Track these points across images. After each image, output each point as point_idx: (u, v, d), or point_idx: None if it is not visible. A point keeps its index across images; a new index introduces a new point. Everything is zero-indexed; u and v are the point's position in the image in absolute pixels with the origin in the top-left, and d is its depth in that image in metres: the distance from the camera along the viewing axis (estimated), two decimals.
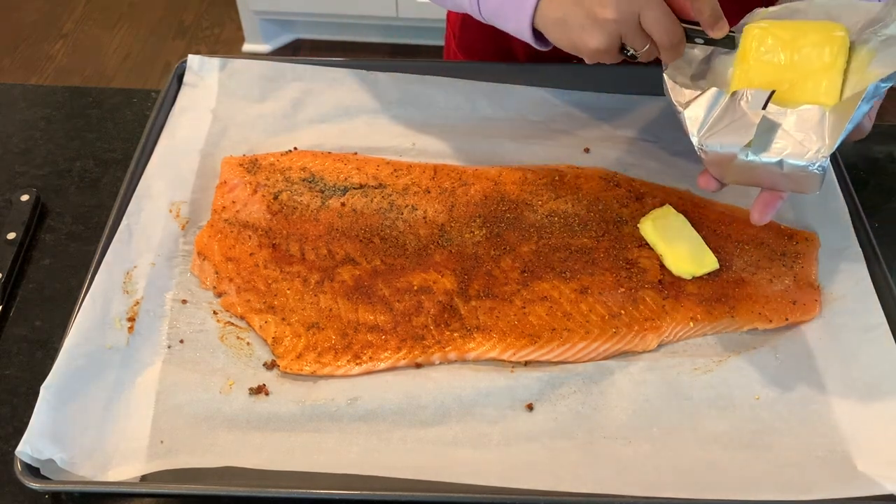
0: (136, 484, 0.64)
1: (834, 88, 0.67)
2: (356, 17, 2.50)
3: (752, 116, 0.65)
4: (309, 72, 0.98)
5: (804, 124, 0.65)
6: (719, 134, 0.66)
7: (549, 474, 0.65)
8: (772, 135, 0.65)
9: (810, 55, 0.68)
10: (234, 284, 0.78)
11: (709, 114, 0.67)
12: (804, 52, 0.68)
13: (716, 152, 0.66)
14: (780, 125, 0.65)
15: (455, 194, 0.85)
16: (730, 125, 0.66)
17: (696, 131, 0.67)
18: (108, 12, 2.80)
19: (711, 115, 0.67)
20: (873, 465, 0.66)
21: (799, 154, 0.64)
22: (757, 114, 0.65)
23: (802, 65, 0.68)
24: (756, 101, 0.66)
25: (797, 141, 0.64)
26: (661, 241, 0.80)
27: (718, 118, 0.67)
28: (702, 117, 0.67)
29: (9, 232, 0.83)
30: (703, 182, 0.71)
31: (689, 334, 0.76)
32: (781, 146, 0.64)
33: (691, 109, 0.68)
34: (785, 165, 0.64)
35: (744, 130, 0.65)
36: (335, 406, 0.70)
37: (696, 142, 0.67)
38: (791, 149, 0.64)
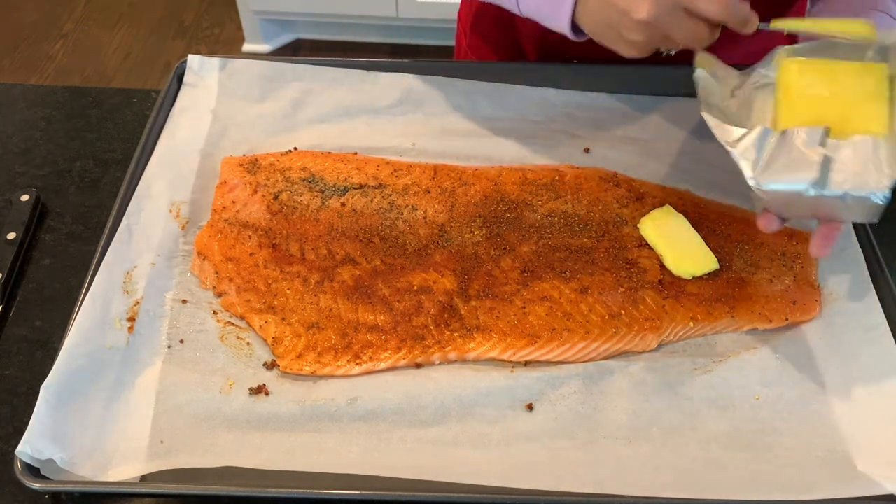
0: (136, 484, 0.64)
1: (881, 117, 0.68)
2: (356, 17, 2.50)
3: (810, 154, 0.65)
4: (309, 72, 0.98)
5: (860, 155, 0.65)
6: (778, 172, 0.66)
7: (549, 474, 0.65)
8: (830, 169, 0.65)
9: (853, 86, 0.68)
10: (234, 284, 0.78)
11: (760, 153, 0.67)
12: (846, 84, 0.69)
13: (776, 190, 0.66)
14: (838, 159, 0.65)
15: (455, 194, 0.85)
16: (788, 164, 0.66)
17: (752, 172, 0.67)
18: (108, 12, 2.80)
19: (763, 154, 0.67)
20: (873, 465, 0.66)
21: (860, 186, 0.64)
22: (816, 151, 0.65)
23: (846, 96, 0.68)
24: (812, 138, 0.66)
25: (856, 172, 0.65)
26: (661, 241, 0.80)
27: (773, 157, 0.66)
28: (754, 156, 0.67)
29: (9, 232, 0.83)
30: (765, 223, 0.71)
31: (689, 334, 0.76)
32: (841, 179, 0.65)
33: (742, 149, 0.68)
34: (848, 198, 0.65)
35: (805, 168, 0.65)
36: (335, 406, 0.70)
37: (753, 182, 0.67)
38: (851, 181, 0.64)
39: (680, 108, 0.97)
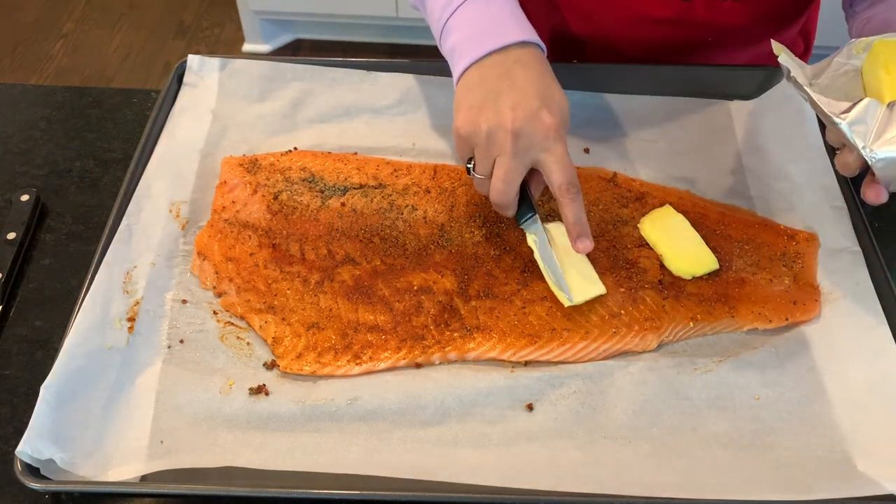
0: (136, 484, 0.64)
1: None
2: (356, 17, 2.50)
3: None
4: (309, 72, 0.98)
5: None
6: (893, 142, 0.66)
7: (549, 474, 0.65)
8: None
9: None
10: (234, 284, 0.78)
11: (871, 124, 0.67)
12: None
13: (893, 158, 0.66)
14: None
15: (455, 194, 0.85)
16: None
17: (864, 141, 0.67)
18: (108, 12, 2.80)
19: (873, 125, 0.67)
20: (873, 465, 0.66)
21: None
22: None
23: None
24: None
25: None
26: (661, 241, 0.80)
27: (883, 126, 0.67)
28: (865, 128, 0.67)
29: (9, 232, 0.83)
30: (874, 195, 0.70)
31: (689, 334, 0.76)
32: None
33: (851, 120, 0.68)
34: None
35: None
36: (335, 406, 0.70)
37: (866, 152, 0.67)
38: None
39: (680, 108, 0.97)
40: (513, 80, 0.73)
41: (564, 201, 0.72)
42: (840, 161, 0.71)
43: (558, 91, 0.75)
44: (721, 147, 0.93)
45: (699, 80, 0.98)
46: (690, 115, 0.96)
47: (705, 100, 0.97)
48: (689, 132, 0.94)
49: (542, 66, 0.76)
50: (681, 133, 0.95)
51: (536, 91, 0.72)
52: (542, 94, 0.73)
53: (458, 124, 0.74)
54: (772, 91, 0.95)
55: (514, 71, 0.74)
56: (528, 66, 0.74)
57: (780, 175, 0.89)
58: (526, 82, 0.73)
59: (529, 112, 0.71)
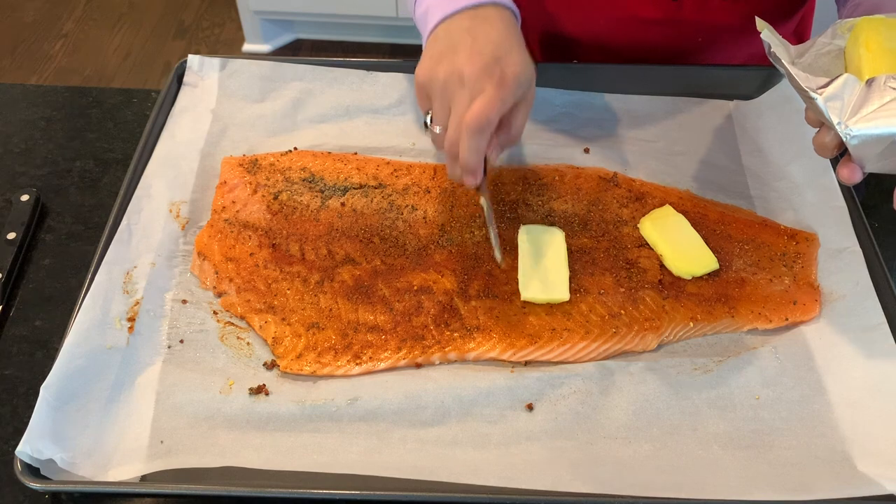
0: (136, 484, 0.64)
1: None
2: (356, 17, 2.50)
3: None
4: (309, 72, 0.98)
5: None
6: (869, 118, 0.64)
7: (549, 474, 0.65)
8: None
9: None
10: (234, 284, 0.78)
11: (847, 100, 0.65)
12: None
13: (867, 135, 0.64)
14: None
15: (455, 194, 0.85)
16: (881, 109, 0.64)
17: (840, 118, 0.65)
18: (108, 12, 2.81)
19: (850, 100, 0.65)
20: (873, 465, 0.66)
21: None
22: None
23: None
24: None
25: None
26: (661, 241, 0.80)
27: (860, 102, 0.65)
28: (840, 104, 0.65)
29: (9, 232, 0.83)
30: (848, 173, 0.68)
31: (689, 334, 0.76)
32: None
33: (828, 96, 0.66)
34: None
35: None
36: (335, 406, 0.70)
37: (841, 128, 0.65)
38: None
39: (680, 108, 0.97)
40: (475, 35, 0.72)
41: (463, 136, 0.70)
42: (817, 141, 0.69)
43: (519, 54, 0.72)
44: (721, 147, 0.93)
45: (699, 80, 0.98)
46: (690, 115, 0.96)
47: (705, 100, 0.97)
48: (689, 132, 0.95)
49: (509, 27, 0.74)
50: (681, 133, 0.95)
51: (495, 47, 0.71)
52: (500, 49, 0.71)
53: (417, 74, 0.73)
54: (772, 91, 0.95)
55: (479, 27, 0.73)
56: (494, 24, 0.73)
57: (780, 175, 0.89)
58: (487, 37, 0.72)
59: (484, 62, 0.70)
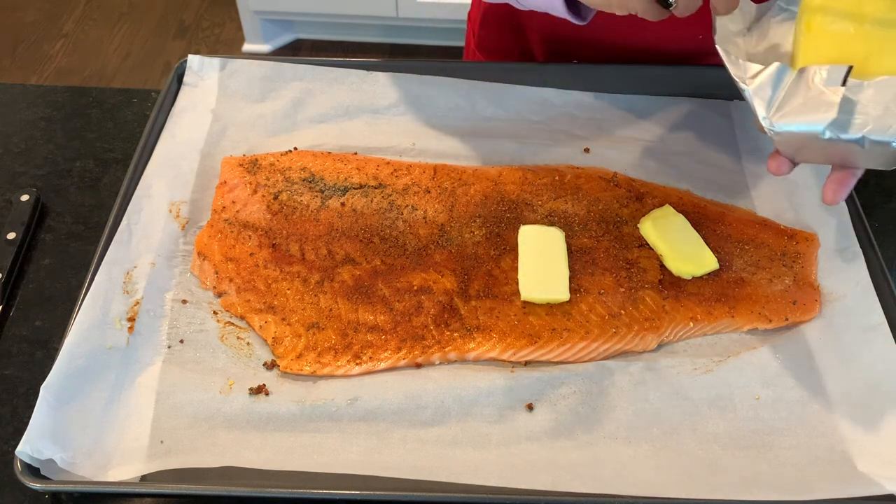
0: (136, 484, 0.64)
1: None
2: (356, 17, 2.50)
3: (830, 94, 0.61)
4: (309, 72, 0.98)
5: (883, 97, 0.61)
6: (794, 113, 0.62)
7: (549, 474, 0.65)
8: (850, 110, 0.61)
9: (881, 22, 0.63)
10: (234, 284, 0.78)
11: (776, 92, 0.63)
12: (873, 21, 0.63)
13: (790, 132, 0.62)
14: (860, 100, 0.61)
15: (455, 194, 0.85)
16: (805, 104, 0.62)
17: (765, 112, 0.63)
18: (108, 12, 2.81)
19: (779, 94, 0.63)
20: (873, 465, 0.66)
21: (881, 129, 0.60)
22: (836, 91, 0.61)
23: (873, 34, 0.63)
24: (833, 77, 0.61)
25: (877, 116, 0.60)
26: (661, 241, 0.80)
27: (788, 96, 0.63)
28: (769, 96, 0.63)
29: (9, 232, 0.83)
30: (775, 166, 0.67)
31: (689, 334, 0.76)
32: (862, 122, 0.60)
33: (757, 87, 0.64)
34: (866, 142, 0.61)
35: (824, 109, 0.61)
36: (335, 406, 0.70)
37: (766, 123, 0.63)
38: (873, 124, 0.60)
39: (680, 108, 0.97)
40: None
41: None
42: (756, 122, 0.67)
43: None
44: (721, 147, 0.93)
45: (699, 80, 0.98)
46: (690, 115, 0.96)
47: (705, 100, 0.97)
48: (689, 132, 0.94)
49: None
50: (681, 133, 0.94)
51: None
52: None
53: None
54: None
55: None
56: None
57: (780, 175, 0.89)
58: None
59: None
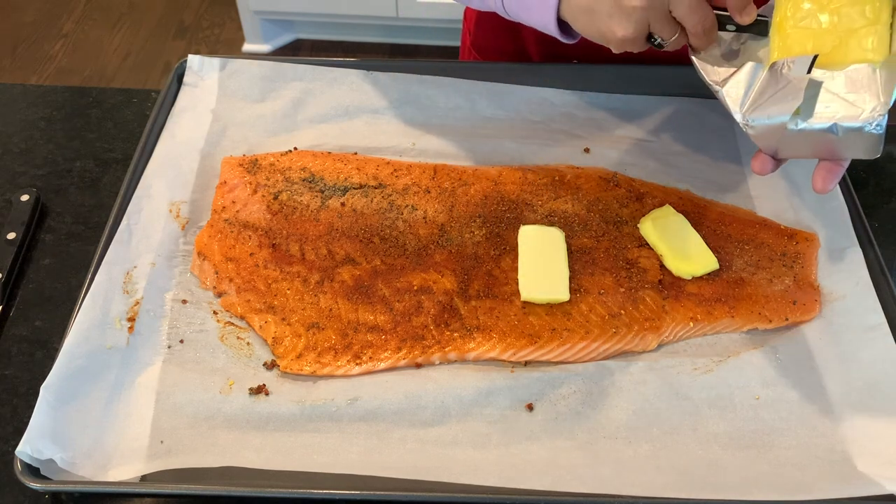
0: (136, 484, 0.64)
1: (882, 43, 0.63)
2: (356, 17, 2.50)
3: (797, 83, 0.62)
4: (309, 72, 0.98)
5: (854, 84, 0.61)
6: (764, 106, 0.63)
7: (549, 474, 0.65)
8: (821, 99, 0.62)
9: (851, 14, 0.64)
10: (234, 284, 0.78)
11: (749, 89, 0.64)
12: (844, 13, 0.64)
13: (764, 125, 0.63)
14: (829, 88, 0.62)
15: (455, 194, 0.85)
16: (774, 95, 0.63)
17: (738, 108, 0.64)
18: (108, 12, 2.80)
19: (752, 90, 0.64)
20: (873, 465, 0.66)
21: (853, 116, 0.61)
22: (802, 79, 0.62)
23: (844, 26, 0.64)
24: (799, 66, 0.62)
25: (849, 103, 0.61)
26: (661, 241, 0.80)
27: (760, 91, 0.64)
28: (742, 93, 0.64)
29: (9, 232, 0.83)
30: (759, 165, 0.68)
31: (689, 334, 0.76)
32: (833, 110, 0.61)
33: (730, 87, 0.65)
34: (839, 130, 0.61)
35: (791, 97, 0.62)
36: (335, 406, 0.70)
37: (739, 118, 0.64)
38: (843, 111, 0.61)
39: (680, 108, 0.97)
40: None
41: None
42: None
43: None
44: (721, 147, 0.93)
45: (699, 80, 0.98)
46: (690, 115, 0.96)
47: (705, 100, 0.97)
48: (689, 132, 0.95)
49: None
50: (680, 133, 0.95)
51: None
52: None
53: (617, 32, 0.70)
54: None
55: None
56: None
57: (780, 175, 0.89)
58: None
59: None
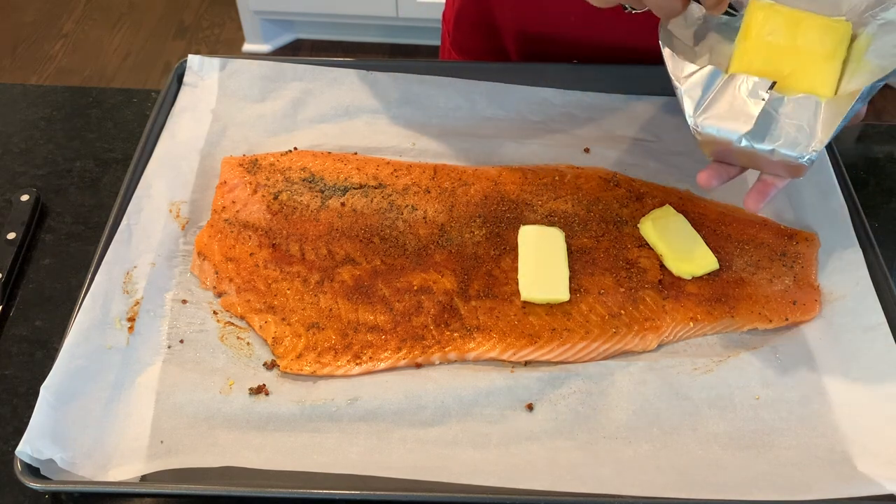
0: (136, 484, 0.64)
1: (831, 79, 0.67)
2: (356, 17, 2.50)
3: (751, 106, 0.65)
4: (309, 72, 0.98)
5: (799, 114, 0.65)
6: (717, 118, 0.66)
7: (549, 474, 0.65)
8: (768, 123, 0.65)
9: (812, 41, 0.68)
10: (234, 284, 0.78)
11: (705, 93, 0.67)
12: (807, 38, 0.68)
13: (711, 135, 0.67)
14: (777, 112, 0.65)
15: (455, 194, 0.85)
16: (728, 111, 0.66)
17: (692, 111, 0.67)
18: (108, 12, 2.81)
19: (708, 95, 0.67)
20: (873, 465, 0.66)
21: (791, 145, 0.65)
22: (757, 104, 0.65)
23: (803, 50, 0.68)
24: (756, 90, 0.66)
25: (791, 132, 0.65)
26: (661, 241, 0.80)
27: (715, 99, 0.67)
28: (698, 97, 0.67)
29: (9, 232, 0.83)
30: (705, 179, 0.71)
31: (689, 334, 0.76)
32: (776, 135, 0.65)
33: (689, 86, 0.68)
34: (776, 154, 0.65)
35: (743, 119, 0.65)
36: (335, 406, 0.70)
37: (691, 122, 0.67)
38: (784, 139, 0.65)
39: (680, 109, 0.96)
40: None
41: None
42: None
43: None
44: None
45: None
46: None
47: None
48: (689, 132, 0.94)
49: None
50: (680, 133, 0.94)
51: None
52: None
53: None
54: None
55: None
56: None
57: None
58: None
59: None
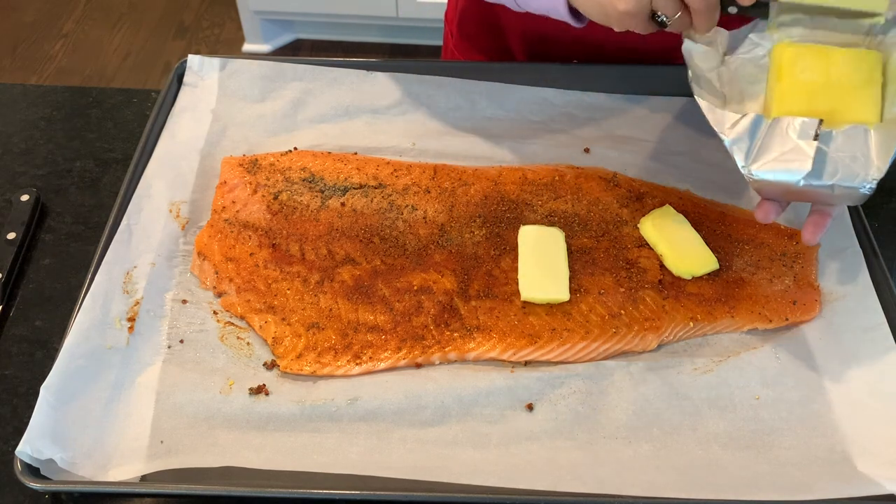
0: (136, 484, 0.64)
1: (874, 105, 0.68)
2: (356, 17, 2.50)
3: (805, 147, 0.65)
4: (309, 72, 0.98)
5: (851, 145, 0.65)
6: (771, 163, 0.66)
7: (549, 474, 0.65)
8: (822, 159, 0.65)
9: (846, 72, 0.68)
10: (234, 284, 0.78)
11: (752, 140, 0.67)
12: (840, 69, 0.69)
13: (767, 181, 0.67)
14: (830, 149, 0.65)
15: (455, 194, 0.85)
16: (781, 155, 0.66)
17: (744, 161, 0.67)
18: (108, 12, 2.80)
19: (756, 142, 0.67)
20: (873, 465, 0.66)
21: (850, 177, 0.65)
22: (810, 144, 0.65)
23: (839, 82, 0.68)
24: (806, 130, 0.66)
25: (846, 164, 0.65)
26: (661, 241, 0.80)
27: (765, 145, 0.67)
28: (747, 146, 0.67)
29: (9, 232, 0.83)
30: (763, 214, 0.71)
31: (689, 334, 0.76)
32: (832, 170, 0.65)
33: (735, 137, 0.68)
34: (836, 189, 0.65)
35: (799, 161, 0.65)
36: (335, 406, 0.70)
37: (745, 172, 0.67)
38: (842, 172, 0.65)
39: (680, 108, 0.97)
40: None
41: None
42: None
43: None
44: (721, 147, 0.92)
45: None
46: (690, 115, 0.96)
47: None
48: (689, 132, 0.94)
49: None
50: (680, 133, 0.95)
51: None
52: None
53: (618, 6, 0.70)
54: None
55: None
56: None
57: None
58: None
59: None
